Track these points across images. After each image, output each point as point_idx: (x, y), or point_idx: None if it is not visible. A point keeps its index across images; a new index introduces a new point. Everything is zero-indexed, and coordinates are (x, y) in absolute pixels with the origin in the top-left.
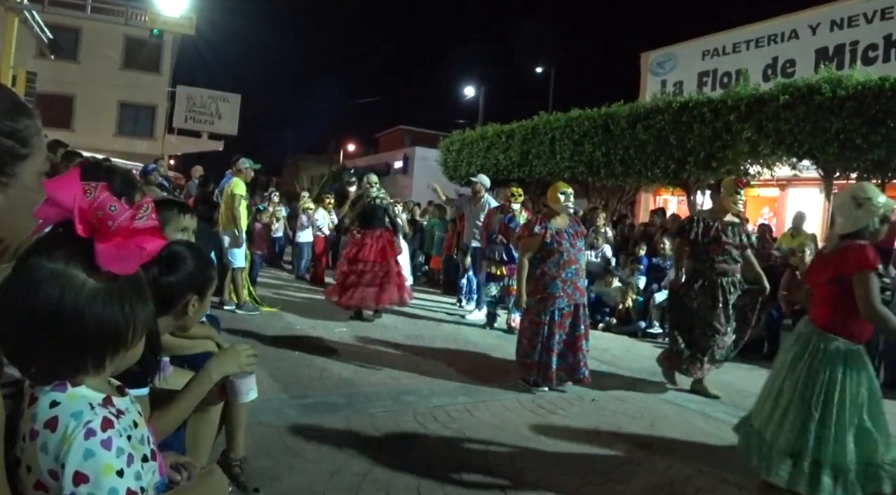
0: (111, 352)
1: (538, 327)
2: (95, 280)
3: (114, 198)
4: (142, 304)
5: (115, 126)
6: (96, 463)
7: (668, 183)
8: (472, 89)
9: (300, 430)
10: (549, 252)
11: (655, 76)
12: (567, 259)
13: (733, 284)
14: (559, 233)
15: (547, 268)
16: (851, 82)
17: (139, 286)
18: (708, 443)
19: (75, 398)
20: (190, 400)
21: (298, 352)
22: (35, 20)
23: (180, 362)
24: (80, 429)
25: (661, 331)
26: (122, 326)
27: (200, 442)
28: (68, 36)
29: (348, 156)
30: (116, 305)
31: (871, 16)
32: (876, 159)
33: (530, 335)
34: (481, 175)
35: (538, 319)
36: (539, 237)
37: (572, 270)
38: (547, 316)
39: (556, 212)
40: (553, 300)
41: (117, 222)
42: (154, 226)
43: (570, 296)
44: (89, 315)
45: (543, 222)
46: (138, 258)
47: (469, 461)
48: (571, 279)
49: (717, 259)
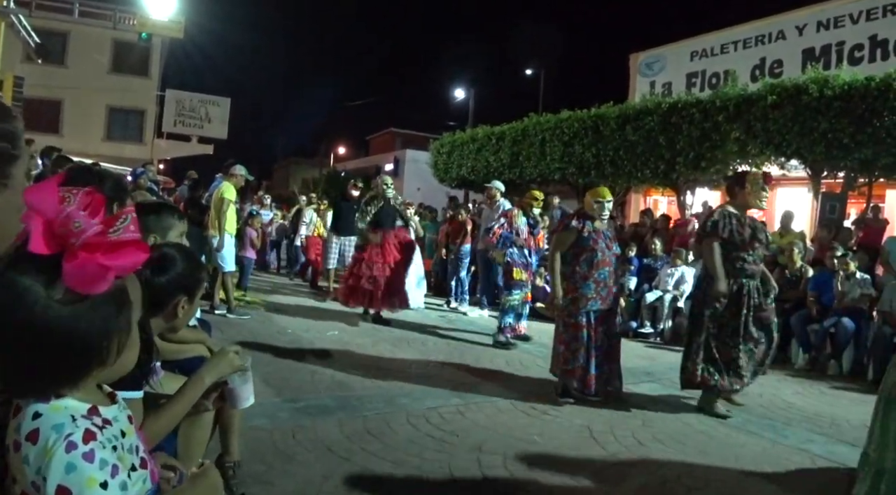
0: (87, 368)
1: (577, 330)
2: (64, 295)
3: (81, 214)
4: (120, 316)
5: (104, 130)
6: (79, 476)
7: (658, 183)
8: (463, 91)
9: (293, 434)
10: (582, 249)
11: (644, 77)
12: (601, 259)
13: (757, 288)
14: (596, 231)
15: (579, 266)
16: (838, 82)
17: (119, 297)
18: (700, 442)
19: (58, 409)
20: (183, 405)
21: (290, 356)
22: (22, 24)
23: (172, 367)
24: (60, 442)
25: (651, 331)
26: (95, 342)
27: (193, 447)
28: (56, 40)
29: (339, 158)
30: (88, 321)
31: (857, 16)
32: (863, 158)
33: (567, 339)
34: (496, 181)
35: (574, 321)
36: (574, 232)
37: (605, 272)
38: (583, 317)
39: (592, 217)
40: (586, 301)
41: (81, 239)
42: (133, 239)
43: (604, 300)
44: (59, 332)
45: (582, 219)
46: (101, 279)
47: (462, 463)
48: (605, 281)
49: (748, 259)
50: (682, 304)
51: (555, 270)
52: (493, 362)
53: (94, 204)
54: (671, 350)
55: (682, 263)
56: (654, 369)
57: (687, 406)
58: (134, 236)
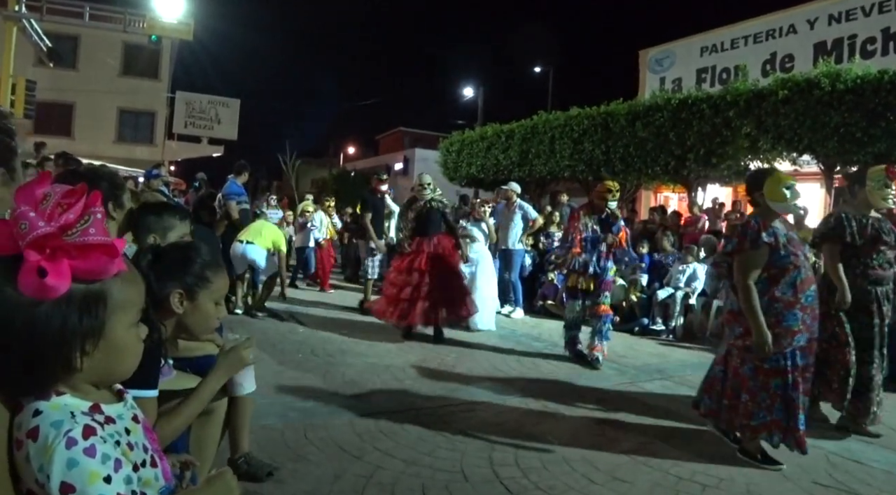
0: (45, 372)
1: (770, 377)
2: (21, 295)
3: (31, 215)
4: (84, 320)
5: (115, 133)
6: (81, 471)
7: (669, 180)
8: (471, 90)
9: (304, 433)
10: (781, 269)
11: (654, 73)
12: (805, 277)
13: (887, 296)
14: (790, 241)
15: (780, 291)
16: (850, 76)
17: (85, 300)
18: (712, 440)
19: (57, 407)
20: (197, 405)
21: (301, 355)
22: (33, 28)
23: (182, 366)
24: (60, 439)
25: (663, 329)
26: (51, 346)
27: (205, 446)
28: (67, 44)
29: (348, 158)
30: (44, 324)
31: (869, 9)
32: (876, 152)
33: (755, 388)
34: (512, 182)
35: (770, 366)
36: (766, 249)
37: (812, 292)
38: (787, 360)
39: (774, 215)
40: (791, 337)
41: (26, 241)
42: (97, 242)
43: (809, 329)
44: (17, 333)
45: (768, 226)
46: (38, 287)
47: (474, 461)
48: (812, 305)
49: (872, 264)
50: (694, 302)
51: (754, 310)
52: (504, 361)
53: (73, 202)
54: (683, 347)
55: (694, 260)
56: (665, 367)
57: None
58: (97, 239)
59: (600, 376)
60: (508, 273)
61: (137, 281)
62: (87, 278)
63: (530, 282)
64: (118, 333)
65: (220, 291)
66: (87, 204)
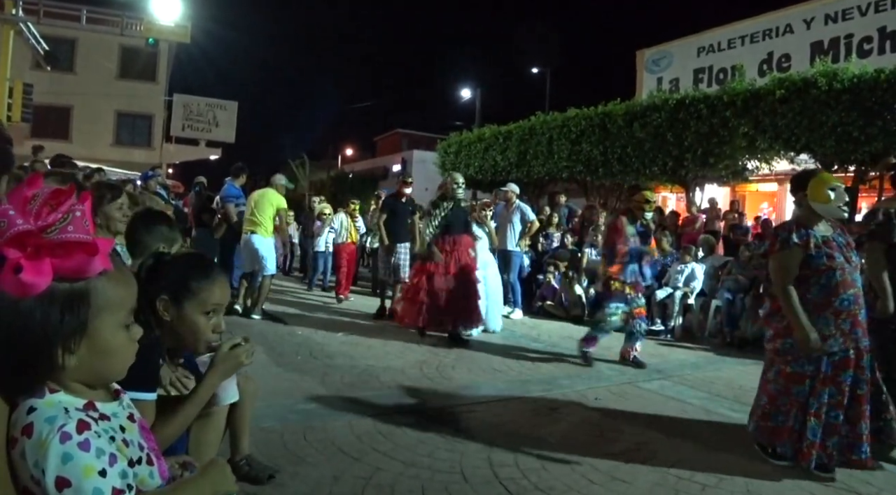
0: (27, 370)
1: (791, 382)
2: (4, 293)
3: (10, 213)
4: (66, 319)
5: (113, 136)
6: (76, 466)
7: (667, 180)
8: (469, 91)
9: (303, 435)
10: (813, 271)
11: (651, 74)
12: (841, 280)
13: None
14: (827, 242)
15: (811, 293)
16: (847, 75)
17: (67, 299)
18: (712, 439)
19: (51, 404)
20: (194, 407)
21: (300, 357)
22: (31, 32)
23: None
24: (54, 434)
25: (662, 329)
26: (30, 344)
27: (204, 448)
28: (64, 47)
29: (346, 160)
30: (23, 322)
31: (865, 8)
32: (873, 151)
33: (774, 391)
34: (511, 183)
35: (793, 370)
36: (799, 249)
37: (850, 297)
38: (810, 365)
39: (817, 217)
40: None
41: (4, 238)
42: (77, 240)
43: (847, 337)
44: (0, 331)
45: (802, 227)
46: (16, 284)
47: (473, 462)
48: (849, 310)
49: None
50: (693, 301)
51: (795, 310)
52: (503, 361)
53: (61, 202)
54: (681, 347)
55: (692, 260)
56: (664, 366)
57: (697, 403)
58: (76, 236)
59: (599, 376)
60: (507, 274)
61: (127, 281)
62: (70, 276)
63: (528, 283)
64: (104, 333)
65: (209, 302)
66: (72, 203)
